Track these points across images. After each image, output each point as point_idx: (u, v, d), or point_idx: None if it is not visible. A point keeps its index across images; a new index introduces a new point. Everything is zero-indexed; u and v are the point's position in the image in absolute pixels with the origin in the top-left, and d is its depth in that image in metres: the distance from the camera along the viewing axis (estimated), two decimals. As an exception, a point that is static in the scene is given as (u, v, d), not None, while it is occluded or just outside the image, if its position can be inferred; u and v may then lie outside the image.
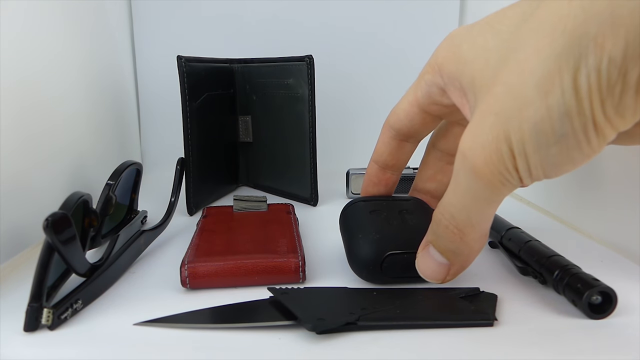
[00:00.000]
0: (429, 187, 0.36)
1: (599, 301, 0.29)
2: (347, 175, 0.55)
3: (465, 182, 0.23)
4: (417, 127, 0.31)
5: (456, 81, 0.25)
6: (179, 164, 0.47)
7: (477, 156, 0.22)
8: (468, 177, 0.23)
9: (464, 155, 0.23)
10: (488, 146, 0.21)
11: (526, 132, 0.20)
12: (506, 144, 0.21)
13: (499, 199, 0.23)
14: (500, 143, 0.21)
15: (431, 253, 0.27)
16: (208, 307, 0.31)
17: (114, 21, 0.64)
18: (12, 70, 0.38)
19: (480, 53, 0.24)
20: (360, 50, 0.70)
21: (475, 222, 0.24)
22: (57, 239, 0.27)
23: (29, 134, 0.41)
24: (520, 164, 0.21)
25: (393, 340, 0.27)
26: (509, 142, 0.21)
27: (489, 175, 0.22)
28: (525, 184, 0.22)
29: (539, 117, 0.20)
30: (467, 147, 0.22)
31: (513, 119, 0.20)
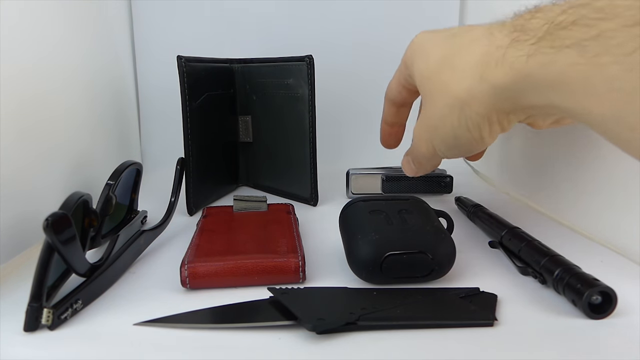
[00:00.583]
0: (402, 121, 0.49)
1: (599, 301, 0.29)
2: (347, 175, 0.55)
3: (416, 151, 0.39)
4: (405, 98, 0.42)
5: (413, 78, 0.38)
6: (179, 164, 0.47)
7: (418, 142, 0.37)
8: (417, 148, 0.38)
9: (414, 137, 0.38)
10: (424, 141, 0.36)
11: (439, 142, 0.35)
12: (432, 144, 0.36)
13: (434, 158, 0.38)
14: (429, 143, 0.36)
15: (409, 161, 0.41)
16: (208, 307, 0.31)
17: (114, 21, 0.64)
18: (11, 70, 0.38)
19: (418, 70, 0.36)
20: (360, 50, 0.70)
21: (425, 162, 0.39)
22: (57, 239, 0.27)
23: (28, 134, 0.41)
24: (438, 152, 0.36)
25: (393, 340, 0.27)
26: (433, 144, 0.36)
27: (426, 152, 0.37)
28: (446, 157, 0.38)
29: (443, 136, 0.34)
30: (415, 135, 0.38)
31: (432, 134, 0.35)
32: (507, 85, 0.29)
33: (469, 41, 0.32)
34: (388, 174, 0.54)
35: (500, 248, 0.39)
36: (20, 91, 0.40)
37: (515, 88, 0.29)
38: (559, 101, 0.27)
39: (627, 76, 0.22)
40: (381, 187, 0.54)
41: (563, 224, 0.46)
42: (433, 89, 0.35)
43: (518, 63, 0.28)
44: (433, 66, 0.35)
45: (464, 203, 0.49)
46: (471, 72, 0.31)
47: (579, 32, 0.24)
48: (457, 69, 0.32)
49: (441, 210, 0.40)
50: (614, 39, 0.23)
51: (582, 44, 0.24)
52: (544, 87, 0.27)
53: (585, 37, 0.24)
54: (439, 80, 0.34)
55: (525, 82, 0.28)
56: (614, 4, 0.23)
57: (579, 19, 0.24)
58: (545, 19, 0.26)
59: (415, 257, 0.32)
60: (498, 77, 0.29)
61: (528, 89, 0.28)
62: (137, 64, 0.69)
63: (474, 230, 0.45)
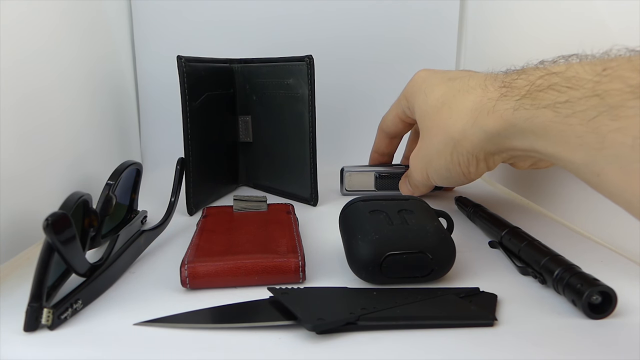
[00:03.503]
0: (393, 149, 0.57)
1: (598, 301, 0.29)
2: (341, 173, 0.56)
3: (413, 177, 0.46)
4: (400, 130, 0.50)
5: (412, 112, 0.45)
6: (179, 164, 0.47)
7: (414, 170, 0.45)
8: (413, 176, 0.46)
9: (410, 165, 0.46)
10: (419, 170, 0.44)
11: (432, 172, 0.42)
12: (426, 173, 0.43)
13: (429, 186, 0.47)
14: (424, 171, 0.43)
15: (406, 182, 0.50)
16: (208, 307, 0.31)
17: (114, 21, 0.64)
18: (11, 70, 0.38)
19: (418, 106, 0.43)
20: (360, 51, 0.70)
21: (420, 187, 0.47)
22: (57, 239, 0.27)
23: (29, 134, 0.41)
24: (432, 180, 0.44)
25: (393, 340, 0.27)
26: (427, 172, 0.43)
27: (420, 179, 0.45)
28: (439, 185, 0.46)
29: (437, 167, 0.41)
30: (411, 164, 0.45)
31: (427, 164, 0.42)
32: (497, 131, 0.35)
33: (466, 88, 0.38)
34: (382, 172, 0.55)
35: (500, 248, 0.39)
36: (20, 91, 0.40)
37: (503, 133, 0.34)
38: (539, 147, 0.32)
39: (590, 136, 0.27)
40: (375, 184, 0.55)
41: (563, 224, 0.46)
42: (431, 125, 0.41)
43: (506, 114, 0.33)
44: (433, 103, 0.41)
45: (464, 203, 0.49)
46: (466, 116, 0.37)
47: (553, 95, 0.29)
48: (454, 111, 0.38)
49: (441, 210, 0.40)
50: (579, 106, 0.28)
51: (555, 106, 0.29)
52: (528, 134, 0.32)
53: (558, 101, 0.29)
54: (438, 118, 0.40)
55: (512, 129, 0.33)
56: (579, 77, 0.28)
57: (552, 84, 0.30)
58: (528, 81, 0.32)
59: (415, 257, 0.32)
60: (489, 124, 0.35)
61: (514, 135, 0.34)
62: (137, 64, 0.69)
63: (474, 230, 0.45)
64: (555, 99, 0.29)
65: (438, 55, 0.71)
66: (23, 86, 0.40)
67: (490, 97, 0.35)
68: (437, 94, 0.41)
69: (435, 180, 0.43)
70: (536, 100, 0.31)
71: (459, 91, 0.39)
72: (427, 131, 0.41)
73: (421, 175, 0.44)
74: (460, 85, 0.39)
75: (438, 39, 0.71)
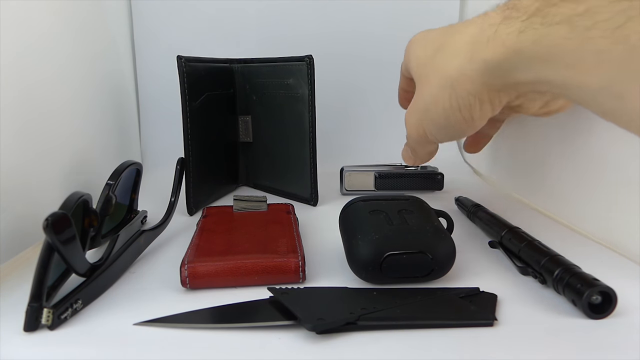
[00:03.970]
0: None
1: (598, 301, 0.29)
2: (340, 172, 0.56)
3: (409, 136, 0.41)
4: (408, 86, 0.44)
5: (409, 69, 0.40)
6: (179, 164, 0.47)
7: (409, 128, 0.39)
8: (409, 134, 0.40)
9: (406, 123, 0.40)
10: (413, 125, 0.39)
11: (429, 123, 0.37)
12: (422, 127, 0.38)
13: (428, 145, 0.41)
14: (419, 126, 0.38)
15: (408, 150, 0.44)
16: (208, 307, 0.31)
17: (114, 21, 0.64)
18: (11, 70, 0.38)
19: (415, 61, 0.38)
20: (360, 50, 0.70)
21: (419, 150, 0.41)
22: (57, 239, 0.27)
23: (28, 135, 0.41)
24: (430, 135, 0.38)
25: (393, 340, 0.27)
26: (423, 126, 0.38)
27: (417, 137, 0.39)
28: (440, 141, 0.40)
29: (434, 116, 0.36)
30: (406, 120, 0.40)
31: (423, 116, 0.37)
32: (499, 62, 0.29)
33: (464, 25, 0.34)
34: (381, 171, 0.55)
35: (500, 248, 0.39)
36: (20, 92, 0.40)
37: (506, 64, 0.29)
38: (549, 75, 0.27)
39: (614, 48, 0.23)
40: (374, 184, 0.55)
41: (563, 224, 0.46)
42: (425, 72, 0.37)
43: (509, 39, 0.28)
44: (429, 52, 0.36)
45: (463, 203, 0.49)
46: (463, 51, 0.32)
47: (568, 8, 0.25)
48: (449, 50, 0.34)
49: (441, 210, 0.40)
50: (601, 14, 0.23)
51: (571, 19, 0.24)
52: (535, 61, 0.27)
53: (574, 13, 0.24)
54: (432, 64, 0.36)
55: (516, 57, 0.28)
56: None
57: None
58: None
59: (415, 257, 0.32)
60: (489, 54, 0.30)
61: (519, 64, 0.28)
62: (137, 64, 0.69)
63: (474, 230, 0.45)
64: (571, 11, 0.24)
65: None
66: (23, 86, 0.40)
67: (491, 22, 0.30)
68: (434, 43, 0.36)
69: (434, 134, 0.37)
70: (547, 17, 0.26)
71: (456, 31, 0.34)
72: (421, 79, 0.37)
73: (417, 131, 0.38)
74: (458, 26, 0.35)
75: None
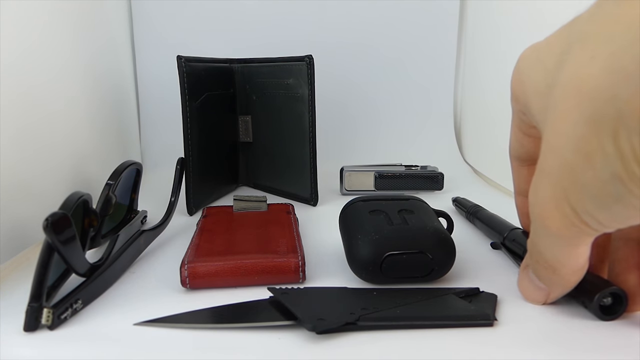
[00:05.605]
0: None
1: (609, 303, 0.29)
2: (340, 172, 0.56)
3: (541, 233, 0.23)
4: (533, 150, 0.27)
5: (527, 113, 0.24)
6: (179, 164, 0.47)
7: (541, 212, 0.22)
8: (540, 227, 0.22)
9: (531, 207, 0.23)
10: (549, 204, 0.21)
11: (581, 194, 0.19)
12: (567, 204, 0.20)
13: (582, 244, 0.22)
14: (560, 203, 0.20)
15: (531, 277, 0.27)
16: (208, 307, 0.31)
17: (114, 21, 0.64)
18: (11, 71, 0.38)
19: (533, 92, 0.23)
20: (360, 50, 0.70)
21: (564, 261, 0.23)
22: (57, 239, 0.27)
23: (28, 134, 0.41)
24: (587, 220, 0.20)
25: (393, 340, 0.27)
26: (569, 203, 0.20)
27: (558, 230, 0.21)
28: (606, 231, 0.21)
29: (588, 182, 0.19)
30: (532, 201, 0.22)
31: (565, 181, 0.20)
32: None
33: (610, 3, 0.20)
34: (381, 171, 0.55)
35: (502, 249, 0.38)
36: (20, 92, 0.40)
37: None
38: None
39: None
40: (374, 184, 0.55)
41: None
42: (553, 103, 0.21)
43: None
44: (551, 66, 0.22)
45: (461, 203, 0.49)
46: (626, 39, 0.18)
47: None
48: (590, 45, 0.19)
49: (441, 210, 0.40)
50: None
51: None
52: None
53: None
54: (562, 83, 0.20)
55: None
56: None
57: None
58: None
59: (415, 257, 0.32)
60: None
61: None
62: (137, 64, 0.69)
63: (474, 230, 0.45)
64: None
65: (438, 55, 0.71)
66: (23, 86, 0.40)
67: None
68: (552, 47, 0.23)
69: (594, 214, 0.20)
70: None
71: (597, 14, 0.20)
72: (549, 118, 0.21)
73: (560, 217, 0.21)
74: (562, 51, 0.22)
75: (438, 39, 0.71)
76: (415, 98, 0.72)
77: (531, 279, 0.26)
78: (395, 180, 0.55)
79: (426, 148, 0.70)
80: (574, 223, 0.20)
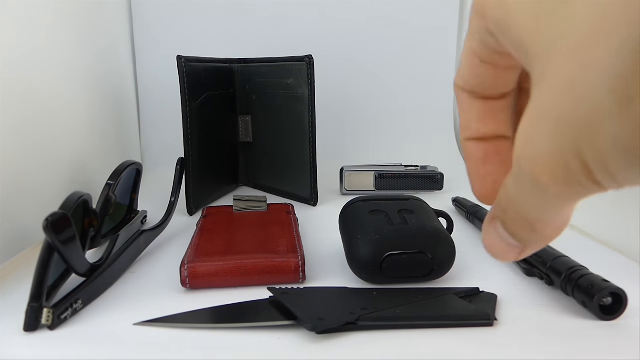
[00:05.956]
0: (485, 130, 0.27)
1: (609, 302, 0.29)
2: (340, 172, 0.56)
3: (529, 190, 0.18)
4: (491, 81, 0.22)
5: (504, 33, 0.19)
6: (179, 164, 0.47)
7: (538, 170, 0.17)
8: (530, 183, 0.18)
9: (520, 164, 0.18)
10: (551, 159, 0.16)
11: (605, 148, 0.15)
12: (578, 160, 0.16)
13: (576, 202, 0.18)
14: (569, 157, 0.16)
15: (500, 233, 0.22)
16: (208, 307, 0.31)
17: (114, 21, 0.64)
18: (11, 71, 0.38)
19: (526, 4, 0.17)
20: (360, 50, 0.70)
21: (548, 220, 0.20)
22: (57, 239, 0.27)
23: (29, 135, 0.41)
24: (601, 178, 0.16)
25: (393, 340, 0.27)
26: (581, 158, 0.16)
27: (557, 189, 0.17)
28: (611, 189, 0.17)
29: (620, 132, 0.14)
30: (524, 155, 0.17)
31: (584, 132, 0.15)
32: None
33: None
34: (381, 171, 0.55)
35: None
36: (20, 92, 0.40)
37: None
38: None
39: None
40: (374, 184, 0.55)
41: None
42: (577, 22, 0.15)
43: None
44: None
45: (461, 204, 0.49)
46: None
47: None
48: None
49: (441, 210, 0.40)
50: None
51: None
52: None
53: None
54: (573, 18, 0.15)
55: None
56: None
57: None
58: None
59: (415, 257, 0.32)
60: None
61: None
62: (137, 64, 0.69)
63: (474, 230, 0.45)
64: None
65: (438, 55, 0.71)
66: (23, 87, 0.40)
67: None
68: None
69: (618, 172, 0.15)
70: None
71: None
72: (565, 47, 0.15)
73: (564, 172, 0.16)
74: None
75: (438, 38, 0.71)
76: (416, 98, 0.72)
77: (501, 234, 0.22)
78: (395, 180, 0.55)
79: (426, 148, 0.70)
80: (580, 181, 0.16)
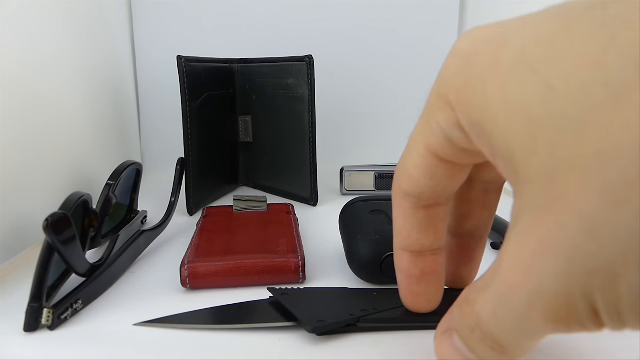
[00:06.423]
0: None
1: None
2: (340, 172, 0.56)
3: (513, 320, 0.16)
4: (445, 183, 0.19)
5: (482, 135, 0.16)
6: (179, 164, 0.47)
7: (536, 306, 0.15)
8: (519, 319, 0.16)
9: (511, 294, 0.15)
10: (554, 299, 0.14)
11: (623, 296, 0.13)
12: (586, 303, 0.14)
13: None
14: (577, 301, 0.14)
15: (457, 345, 0.19)
16: (208, 308, 0.31)
17: (114, 21, 0.64)
18: (11, 70, 0.38)
19: (517, 114, 0.15)
20: (360, 50, 0.70)
21: (524, 346, 0.17)
22: (57, 239, 0.27)
23: (28, 135, 0.41)
24: (608, 322, 0.14)
25: (393, 341, 0.27)
26: (591, 302, 0.14)
27: (553, 328, 0.15)
28: (612, 331, 0.15)
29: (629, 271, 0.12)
30: (518, 286, 0.15)
31: (599, 276, 0.13)
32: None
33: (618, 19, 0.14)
34: (381, 171, 0.55)
35: (500, 248, 0.38)
36: (19, 91, 0.40)
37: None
38: None
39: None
40: (374, 184, 0.55)
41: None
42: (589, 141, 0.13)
43: None
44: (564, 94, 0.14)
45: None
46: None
47: None
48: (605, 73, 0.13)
49: (441, 211, 0.40)
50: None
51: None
52: None
53: None
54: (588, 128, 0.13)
55: None
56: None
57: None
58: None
59: (415, 257, 0.32)
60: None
61: None
62: (137, 64, 0.69)
63: (474, 230, 0.45)
64: None
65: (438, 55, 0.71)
66: (23, 87, 0.40)
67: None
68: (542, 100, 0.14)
69: (629, 320, 0.14)
70: None
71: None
72: (573, 173, 0.13)
73: (567, 312, 0.14)
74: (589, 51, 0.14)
75: (438, 38, 0.71)
76: (416, 98, 0.71)
77: (458, 347, 0.19)
78: None
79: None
80: (583, 323, 0.14)
